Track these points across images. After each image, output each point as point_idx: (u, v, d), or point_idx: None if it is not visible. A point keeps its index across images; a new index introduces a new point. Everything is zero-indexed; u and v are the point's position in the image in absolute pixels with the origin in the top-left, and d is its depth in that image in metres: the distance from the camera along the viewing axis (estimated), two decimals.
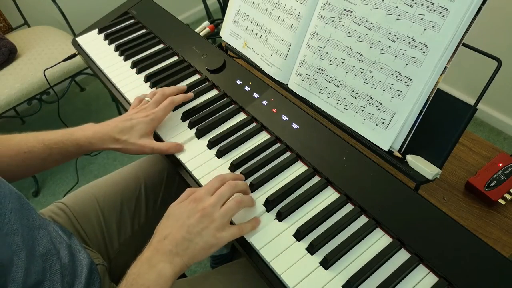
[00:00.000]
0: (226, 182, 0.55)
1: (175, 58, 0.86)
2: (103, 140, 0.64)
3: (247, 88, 0.73)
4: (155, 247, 0.50)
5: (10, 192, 0.48)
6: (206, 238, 0.50)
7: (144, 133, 0.66)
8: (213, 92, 0.77)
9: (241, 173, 0.61)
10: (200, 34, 0.93)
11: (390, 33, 0.57)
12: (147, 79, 0.81)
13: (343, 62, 0.63)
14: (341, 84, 0.64)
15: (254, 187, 0.59)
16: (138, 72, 0.84)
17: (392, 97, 0.58)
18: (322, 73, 0.66)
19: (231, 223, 0.55)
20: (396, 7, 0.56)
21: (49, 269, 0.50)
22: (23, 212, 0.49)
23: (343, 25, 0.62)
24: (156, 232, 0.52)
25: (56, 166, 0.66)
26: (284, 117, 0.67)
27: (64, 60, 1.05)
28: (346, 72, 0.63)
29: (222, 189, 0.53)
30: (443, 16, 0.52)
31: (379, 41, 0.58)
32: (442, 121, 0.57)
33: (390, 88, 0.58)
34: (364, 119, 0.61)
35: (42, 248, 0.50)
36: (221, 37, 0.87)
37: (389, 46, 0.57)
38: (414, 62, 0.55)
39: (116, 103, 1.97)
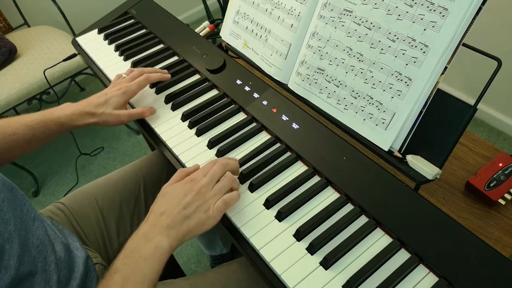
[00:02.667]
0: (218, 162, 0.57)
1: (175, 58, 0.86)
2: (82, 116, 0.68)
3: (247, 88, 0.73)
4: (152, 222, 0.52)
5: (3, 182, 0.48)
6: (200, 214, 0.52)
7: (117, 105, 0.69)
8: (213, 92, 0.77)
9: (241, 173, 0.61)
10: (200, 34, 0.93)
11: (390, 33, 0.57)
12: None
13: (343, 62, 0.63)
14: (341, 84, 0.64)
15: (254, 187, 0.59)
16: None
17: (392, 97, 0.58)
18: (322, 73, 0.66)
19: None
20: (396, 7, 0.56)
21: (43, 260, 0.50)
22: (16, 203, 0.49)
23: (343, 25, 0.62)
24: (151, 210, 0.54)
25: (40, 146, 0.70)
26: (284, 117, 0.67)
27: (64, 60, 1.05)
28: (346, 72, 0.63)
29: (214, 169, 0.56)
30: (443, 16, 0.52)
31: (379, 41, 0.58)
32: (442, 121, 0.57)
33: (390, 88, 0.58)
34: (364, 119, 0.61)
35: (36, 239, 0.50)
36: (221, 37, 0.87)
37: (389, 46, 0.57)
38: (414, 62, 0.55)
39: None
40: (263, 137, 0.67)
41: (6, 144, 0.65)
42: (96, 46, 0.93)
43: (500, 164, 0.65)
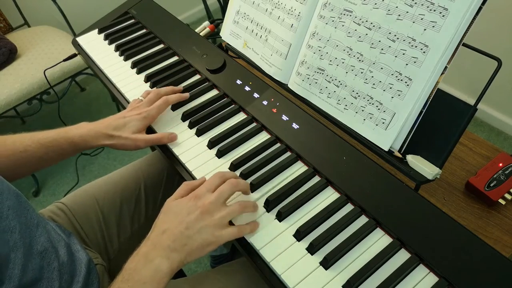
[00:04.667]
0: (228, 180, 0.55)
1: (175, 58, 0.86)
2: (97, 137, 0.66)
3: (247, 88, 0.73)
4: (153, 242, 0.50)
5: (8, 189, 0.48)
6: (205, 235, 0.50)
7: (137, 130, 0.67)
8: (213, 92, 0.77)
9: (241, 173, 0.61)
10: (200, 34, 0.93)
11: (390, 33, 0.57)
12: (147, 79, 0.81)
13: (343, 62, 0.63)
14: (341, 84, 0.64)
15: (254, 187, 0.59)
16: (138, 72, 0.84)
17: (392, 97, 0.58)
18: (322, 73, 0.66)
19: (230, 223, 0.55)
20: (396, 7, 0.56)
21: (46, 267, 0.50)
22: (21, 210, 0.49)
23: (343, 25, 0.62)
24: (154, 227, 0.52)
25: (54, 165, 0.68)
26: (284, 117, 0.67)
27: (64, 60, 1.05)
28: (346, 72, 0.63)
29: (223, 187, 0.54)
30: (443, 16, 0.52)
31: (379, 41, 0.58)
32: (442, 121, 0.57)
33: (390, 88, 0.58)
34: (364, 119, 0.61)
35: (40, 246, 0.50)
36: (221, 37, 0.87)
37: (389, 46, 0.57)
38: (414, 62, 0.55)
39: (116, 103, 1.97)
40: (263, 137, 0.67)
41: (16, 161, 0.63)
42: (96, 46, 0.93)
43: (500, 164, 0.65)
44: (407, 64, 0.56)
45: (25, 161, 0.63)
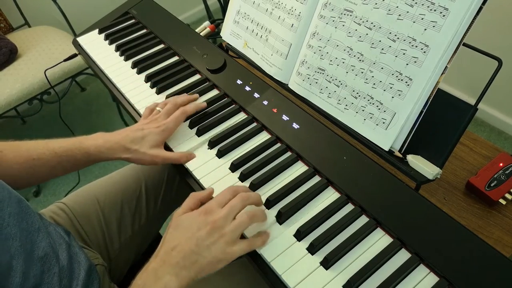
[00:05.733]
0: (238, 194, 0.53)
1: (175, 58, 0.86)
2: (113, 150, 0.64)
3: (247, 88, 0.73)
4: (162, 258, 0.49)
5: (9, 195, 0.48)
6: (215, 252, 0.49)
7: (155, 144, 0.65)
8: (214, 92, 0.77)
9: (241, 173, 0.61)
10: (201, 34, 0.93)
11: (390, 33, 0.57)
12: (147, 79, 0.81)
13: (343, 62, 0.63)
14: (341, 84, 0.64)
15: (254, 187, 0.59)
16: (139, 72, 0.84)
17: (392, 97, 0.58)
18: (323, 73, 0.66)
19: (242, 235, 0.54)
20: (397, 7, 0.56)
21: (47, 272, 0.49)
22: (22, 216, 0.49)
23: (343, 25, 0.62)
24: (163, 242, 0.51)
25: (65, 174, 0.66)
26: (285, 117, 0.67)
27: (64, 60, 1.05)
28: (347, 72, 0.63)
29: (234, 201, 0.52)
30: (443, 16, 0.52)
31: (380, 41, 0.58)
32: (442, 121, 0.57)
33: (391, 88, 0.58)
34: (364, 119, 0.61)
35: (41, 251, 0.50)
36: (221, 37, 0.87)
37: (390, 46, 0.57)
38: (415, 62, 0.55)
39: (117, 103, 1.97)
40: (263, 137, 0.67)
41: (29, 168, 0.61)
42: (97, 46, 0.93)
43: (501, 164, 0.65)
44: (407, 64, 0.56)
45: (38, 169, 0.62)
